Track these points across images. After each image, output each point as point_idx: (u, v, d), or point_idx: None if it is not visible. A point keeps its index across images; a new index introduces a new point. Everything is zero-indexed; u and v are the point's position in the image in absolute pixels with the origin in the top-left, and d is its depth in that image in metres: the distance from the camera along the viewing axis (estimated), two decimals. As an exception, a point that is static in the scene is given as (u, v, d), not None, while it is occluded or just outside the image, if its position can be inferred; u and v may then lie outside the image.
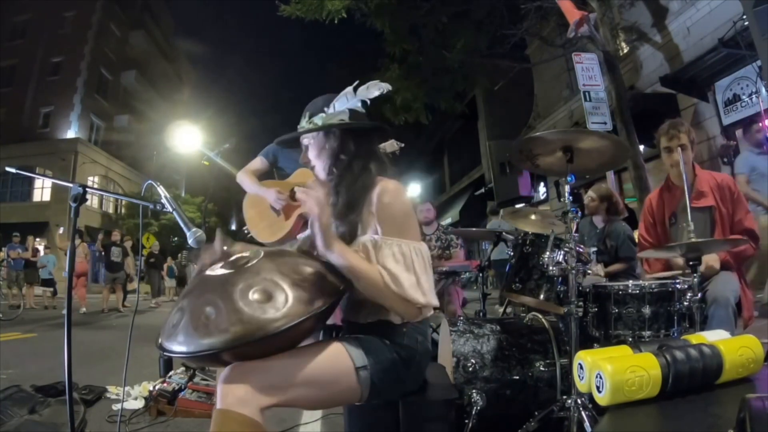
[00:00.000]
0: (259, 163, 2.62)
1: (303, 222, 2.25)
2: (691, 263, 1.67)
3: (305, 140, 1.27)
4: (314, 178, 1.33)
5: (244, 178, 2.54)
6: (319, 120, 1.21)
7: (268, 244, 2.39)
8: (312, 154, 1.27)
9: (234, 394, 0.94)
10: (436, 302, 1.14)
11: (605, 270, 3.07)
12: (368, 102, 1.22)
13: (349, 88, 1.21)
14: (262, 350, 1.00)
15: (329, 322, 1.23)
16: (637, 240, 2.52)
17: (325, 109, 1.22)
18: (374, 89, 1.20)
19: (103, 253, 9.22)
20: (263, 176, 2.60)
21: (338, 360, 1.07)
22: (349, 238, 1.16)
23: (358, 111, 1.22)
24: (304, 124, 1.24)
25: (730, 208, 2.10)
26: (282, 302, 1.00)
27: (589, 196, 3.37)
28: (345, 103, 1.21)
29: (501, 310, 3.41)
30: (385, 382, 1.11)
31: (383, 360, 1.11)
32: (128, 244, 9.53)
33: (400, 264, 1.09)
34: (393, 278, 1.08)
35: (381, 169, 1.23)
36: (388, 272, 1.08)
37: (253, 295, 1.00)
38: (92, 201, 21.74)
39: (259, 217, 2.48)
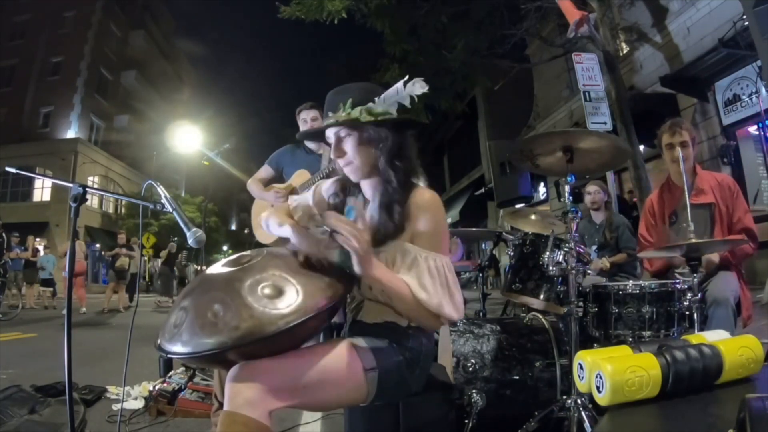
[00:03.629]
0: (264, 171, 2.69)
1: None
2: (691, 263, 1.68)
3: (341, 132, 1.15)
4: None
5: (252, 186, 2.62)
6: (380, 108, 1.10)
7: (270, 245, 2.40)
8: (349, 147, 1.15)
9: (243, 395, 0.92)
10: (459, 315, 1.12)
11: (610, 260, 3.08)
12: (416, 99, 1.12)
13: (400, 83, 1.10)
14: (271, 348, 0.98)
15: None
16: (637, 239, 2.53)
17: (375, 99, 1.12)
18: (419, 87, 1.10)
19: (110, 259, 9.23)
20: (270, 183, 2.65)
21: (348, 361, 1.06)
22: (383, 239, 1.12)
23: (406, 107, 1.13)
24: (351, 111, 1.11)
25: (730, 206, 2.11)
26: (293, 297, 0.98)
27: (594, 189, 3.38)
28: (395, 96, 1.11)
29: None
30: (392, 384, 1.11)
31: (390, 362, 1.10)
32: (136, 251, 9.45)
33: (436, 280, 1.08)
34: (428, 295, 1.07)
35: (416, 173, 1.19)
36: (424, 289, 1.07)
37: (263, 291, 0.97)
38: (92, 201, 21.73)
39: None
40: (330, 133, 1.17)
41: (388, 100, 1.11)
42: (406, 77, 1.11)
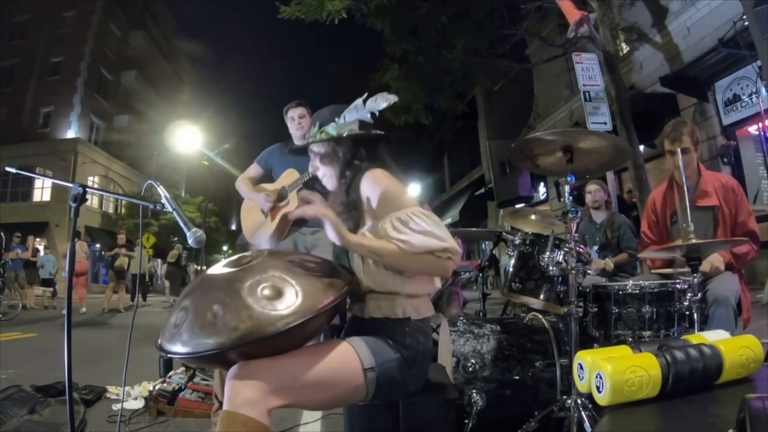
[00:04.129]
0: (253, 170, 2.65)
1: (286, 223, 2.26)
2: (691, 263, 1.68)
3: (315, 148, 1.33)
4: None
5: (240, 185, 2.57)
6: (332, 130, 1.28)
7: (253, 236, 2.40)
8: (323, 162, 1.33)
9: (242, 395, 0.93)
10: (454, 244, 1.13)
11: (613, 261, 3.07)
12: (377, 113, 1.27)
13: (359, 101, 1.26)
14: (271, 348, 0.98)
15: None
16: (639, 237, 2.53)
17: (336, 119, 1.29)
18: (382, 101, 1.24)
19: (110, 259, 9.26)
20: (260, 182, 2.62)
21: (347, 361, 1.07)
22: (355, 231, 1.22)
23: (367, 122, 1.28)
24: (315, 133, 1.30)
25: (733, 209, 2.11)
26: (292, 299, 0.98)
27: (594, 188, 3.37)
28: (355, 114, 1.27)
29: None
30: (390, 383, 1.12)
31: (389, 361, 1.12)
32: (137, 251, 9.46)
33: (405, 229, 1.11)
34: (406, 243, 1.09)
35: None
36: (399, 241, 1.10)
37: (263, 292, 0.98)
38: (92, 201, 21.72)
39: (254, 221, 2.50)
40: (309, 152, 1.38)
41: (348, 118, 1.28)
42: (365, 94, 1.26)
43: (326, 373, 1.03)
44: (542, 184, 13.68)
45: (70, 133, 21.73)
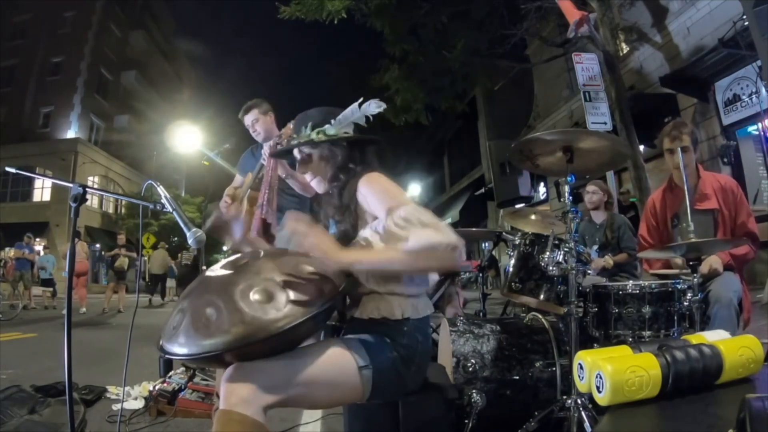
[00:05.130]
0: (236, 180, 2.67)
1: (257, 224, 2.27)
2: (691, 263, 1.67)
3: (307, 149, 1.30)
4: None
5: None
6: (331, 131, 1.26)
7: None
8: (314, 162, 1.30)
9: (237, 394, 0.95)
10: (457, 239, 1.07)
11: (613, 259, 3.08)
12: (371, 118, 1.28)
13: (355, 105, 1.27)
14: (264, 350, 1.00)
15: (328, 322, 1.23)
16: (638, 240, 2.53)
17: (332, 121, 1.28)
18: (374, 106, 1.27)
19: (110, 259, 9.27)
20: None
21: (341, 360, 1.08)
22: (353, 233, 1.22)
23: (361, 125, 1.29)
24: (310, 133, 1.27)
25: (732, 210, 2.10)
26: (283, 302, 0.99)
27: (593, 189, 3.38)
28: (350, 116, 1.27)
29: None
30: (387, 382, 1.12)
31: (385, 359, 1.12)
32: (156, 254, 9.47)
33: (407, 225, 1.07)
34: (413, 238, 1.04)
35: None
36: (405, 238, 1.05)
37: (254, 296, 0.99)
38: (92, 201, 21.72)
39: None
40: (296, 152, 1.34)
41: (343, 121, 1.28)
42: (360, 99, 1.27)
43: (320, 372, 1.04)
44: (542, 184, 13.67)
45: (70, 133, 21.74)
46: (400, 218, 1.09)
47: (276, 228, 2.20)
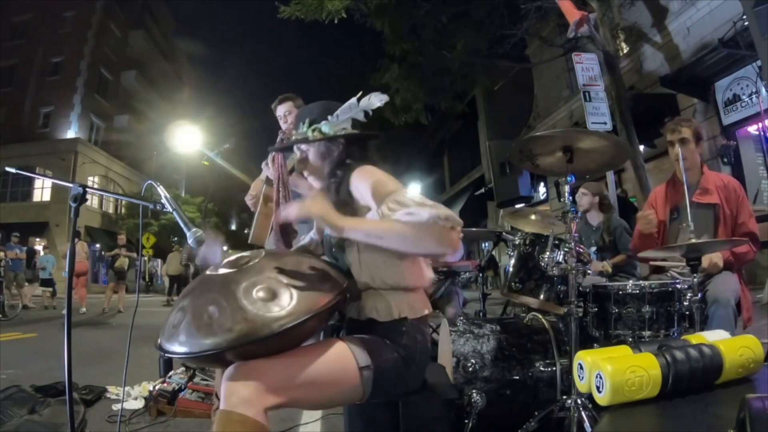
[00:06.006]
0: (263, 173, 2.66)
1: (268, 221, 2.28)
2: (690, 263, 1.68)
3: (305, 146, 1.30)
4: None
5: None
6: (326, 128, 1.25)
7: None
8: (311, 159, 1.30)
9: (238, 394, 0.94)
10: (453, 213, 1.06)
11: (611, 262, 3.07)
12: (370, 113, 1.25)
13: (353, 99, 1.24)
14: (267, 349, 0.99)
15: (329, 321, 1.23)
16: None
17: (329, 117, 1.26)
18: (375, 100, 1.22)
19: (110, 259, 9.28)
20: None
21: (342, 360, 1.07)
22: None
23: (360, 121, 1.27)
24: (306, 131, 1.26)
25: (734, 209, 2.11)
26: (287, 300, 0.99)
27: (581, 192, 3.37)
28: (348, 112, 1.25)
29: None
30: (387, 382, 1.12)
31: (385, 359, 1.11)
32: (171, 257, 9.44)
33: (401, 207, 1.06)
34: (413, 213, 1.03)
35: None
36: (399, 215, 1.04)
37: (258, 294, 0.99)
38: (92, 201, 21.72)
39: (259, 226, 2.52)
40: (295, 149, 1.34)
41: (341, 117, 1.25)
42: (360, 93, 1.23)
43: (321, 372, 1.04)
44: (542, 184, 13.66)
45: (70, 133, 21.73)
46: (393, 202, 1.08)
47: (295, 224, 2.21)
